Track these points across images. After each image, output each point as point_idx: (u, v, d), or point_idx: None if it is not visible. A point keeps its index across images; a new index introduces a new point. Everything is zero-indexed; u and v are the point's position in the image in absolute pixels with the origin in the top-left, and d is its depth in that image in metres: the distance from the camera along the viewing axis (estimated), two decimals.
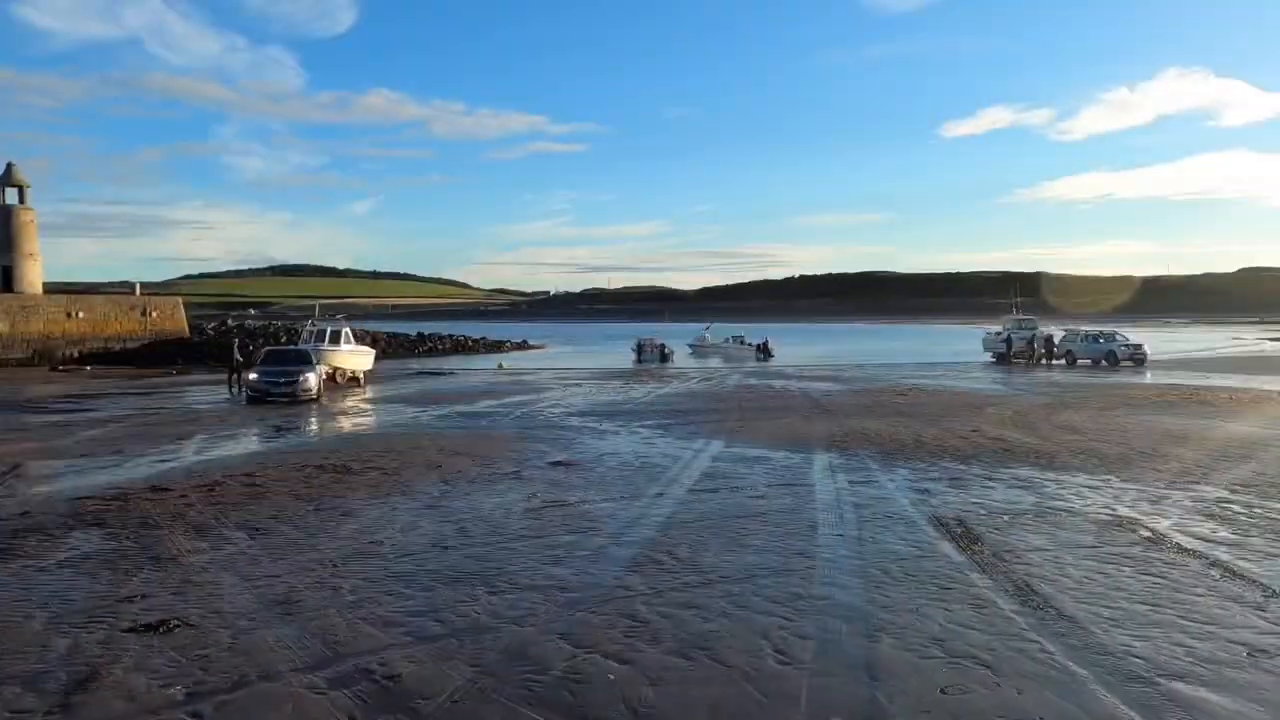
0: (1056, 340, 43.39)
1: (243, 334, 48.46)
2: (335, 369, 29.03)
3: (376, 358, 35.27)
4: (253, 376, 23.54)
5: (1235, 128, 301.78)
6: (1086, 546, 7.84)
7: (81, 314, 44.30)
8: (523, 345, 74.95)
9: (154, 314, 47.91)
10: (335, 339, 29.85)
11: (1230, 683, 4.86)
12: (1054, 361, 41.96)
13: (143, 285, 57.38)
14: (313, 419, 19.59)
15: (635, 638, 5.66)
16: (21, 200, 46.63)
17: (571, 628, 5.85)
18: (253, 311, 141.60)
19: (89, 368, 39.79)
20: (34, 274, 46.25)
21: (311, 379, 23.27)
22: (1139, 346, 40.35)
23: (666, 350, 53.13)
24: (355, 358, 30.96)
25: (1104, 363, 39.73)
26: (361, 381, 30.18)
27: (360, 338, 37.42)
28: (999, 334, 47.67)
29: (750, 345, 56.97)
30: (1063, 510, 9.37)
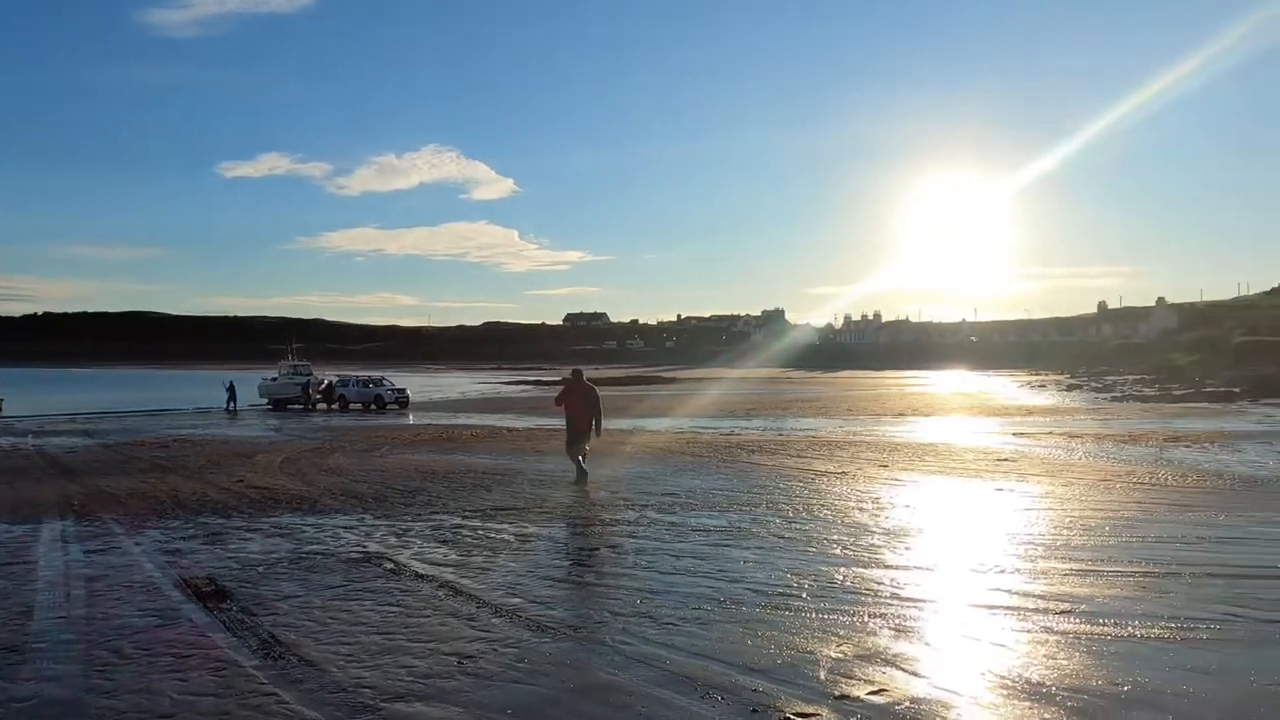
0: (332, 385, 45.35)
1: None
2: None
3: None
4: None
5: (481, 201, 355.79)
6: (335, 587, 8.14)
7: None
8: None
9: None
10: None
11: (441, 691, 5.48)
12: (332, 406, 43.66)
13: None
14: None
15: None
16: None
17: None
18: None
19: None
20: None
21: None
22: (403, 390, 44.62)
23: None
24: None
25: (373, 406, 42.78)
26: None
27: None
28: (273, 379, 47.95)
29: None
30: (318, 553, 9.60)
